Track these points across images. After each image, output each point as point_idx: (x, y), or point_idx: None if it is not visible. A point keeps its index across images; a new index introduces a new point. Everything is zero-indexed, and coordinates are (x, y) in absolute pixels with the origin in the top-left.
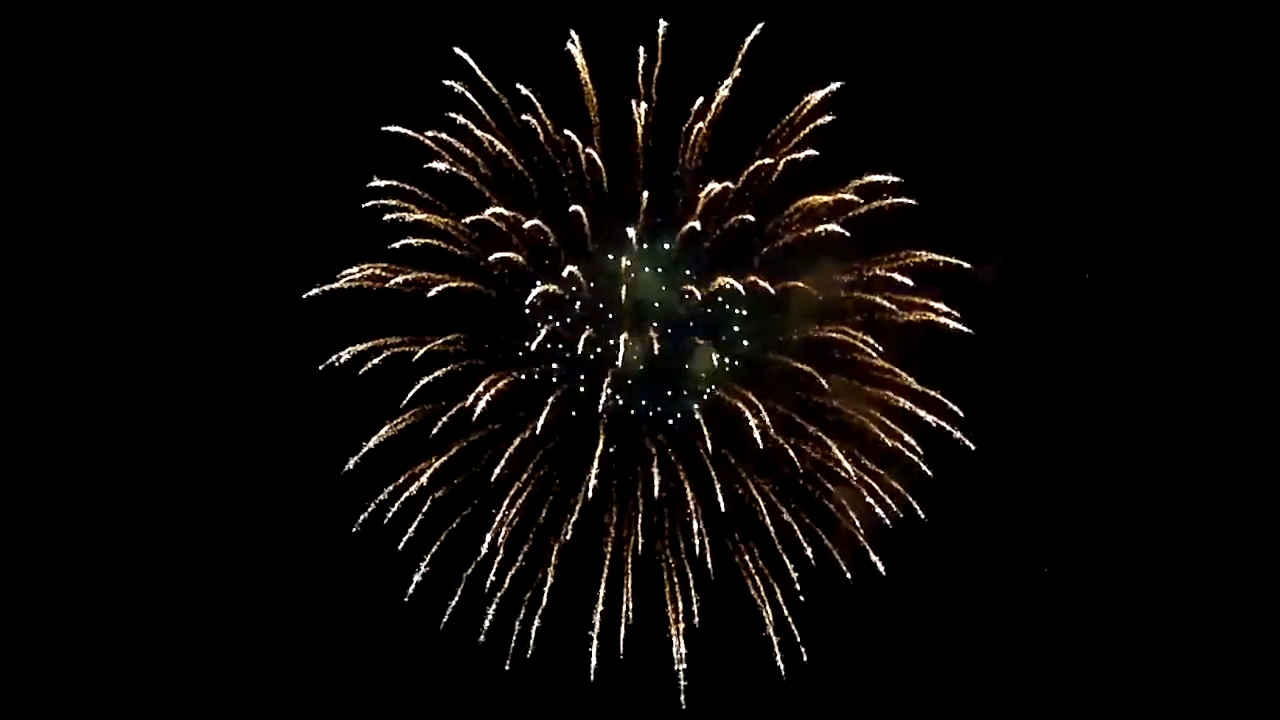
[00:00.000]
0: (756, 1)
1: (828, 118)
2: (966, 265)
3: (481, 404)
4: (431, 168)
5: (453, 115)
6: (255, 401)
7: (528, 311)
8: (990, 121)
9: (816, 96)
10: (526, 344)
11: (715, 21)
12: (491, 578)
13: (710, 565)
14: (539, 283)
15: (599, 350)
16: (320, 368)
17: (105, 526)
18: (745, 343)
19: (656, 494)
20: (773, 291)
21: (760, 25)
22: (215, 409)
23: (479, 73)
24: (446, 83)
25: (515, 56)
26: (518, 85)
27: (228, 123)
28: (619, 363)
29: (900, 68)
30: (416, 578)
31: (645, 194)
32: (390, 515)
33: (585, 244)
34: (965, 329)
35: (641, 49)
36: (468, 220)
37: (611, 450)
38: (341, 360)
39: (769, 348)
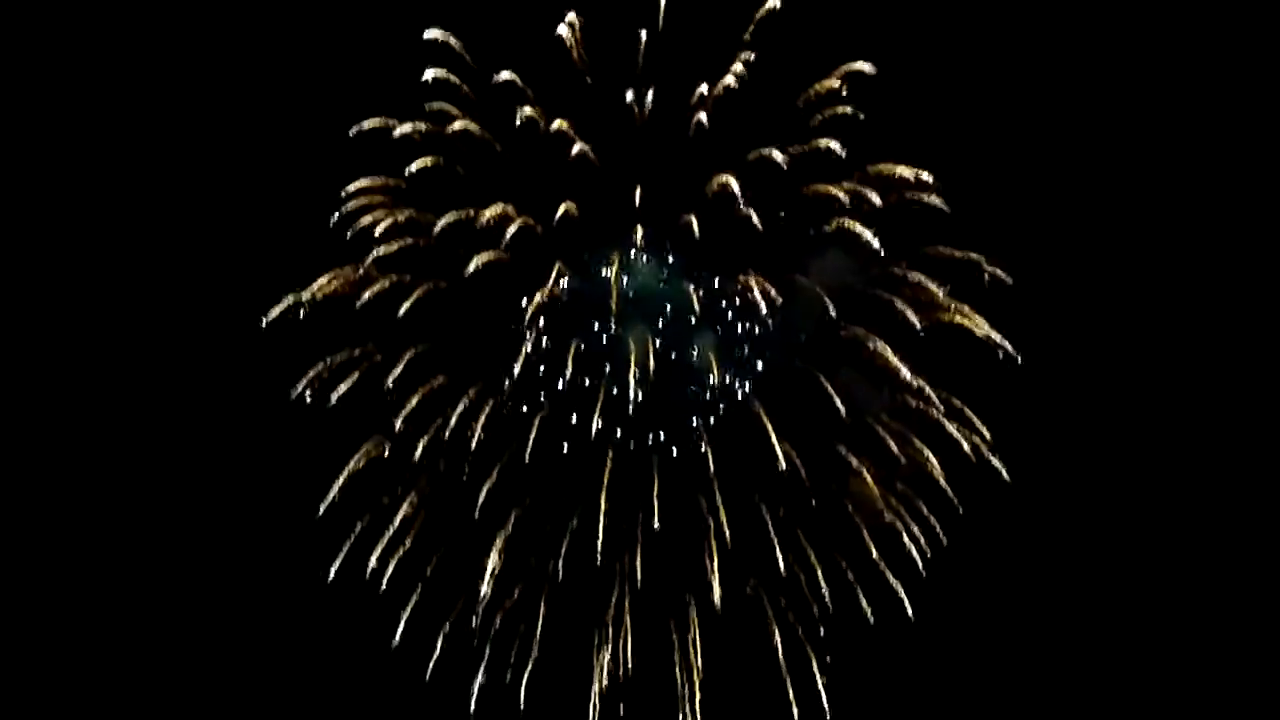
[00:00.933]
0: None
1: (842, 109)
2: (988, 267)
3: (476, 437)
4: (408, 162)
5: (433, 105)
6: (218, 429)
7: (514, 327)
8: (1017, 114)
9: (829, 83)
10: (512, 364)
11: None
12: (477, 623)
13: (720, 609)
14: (525, 299)
15: (592, 366)
16: (293, 396)
17: (63, 585)
18: (753, 350)
19: (658, 528)
20: (776, 297)
21: (769, 4)
22: (172, 438)
23: (464, 55)
24: (428, 73)
25: (502, 40)
26: (505, 73)
27: (181, 125)
28: (614, 387)
29: (923, 50)
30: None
31: (639, 189)
32: (366, 551)
33: (577, 244)
34: (992, 334)
35: (643, 31)
36: (448, 219)
37: (608, 479)
38: (312, 384)
39: (779, 354)
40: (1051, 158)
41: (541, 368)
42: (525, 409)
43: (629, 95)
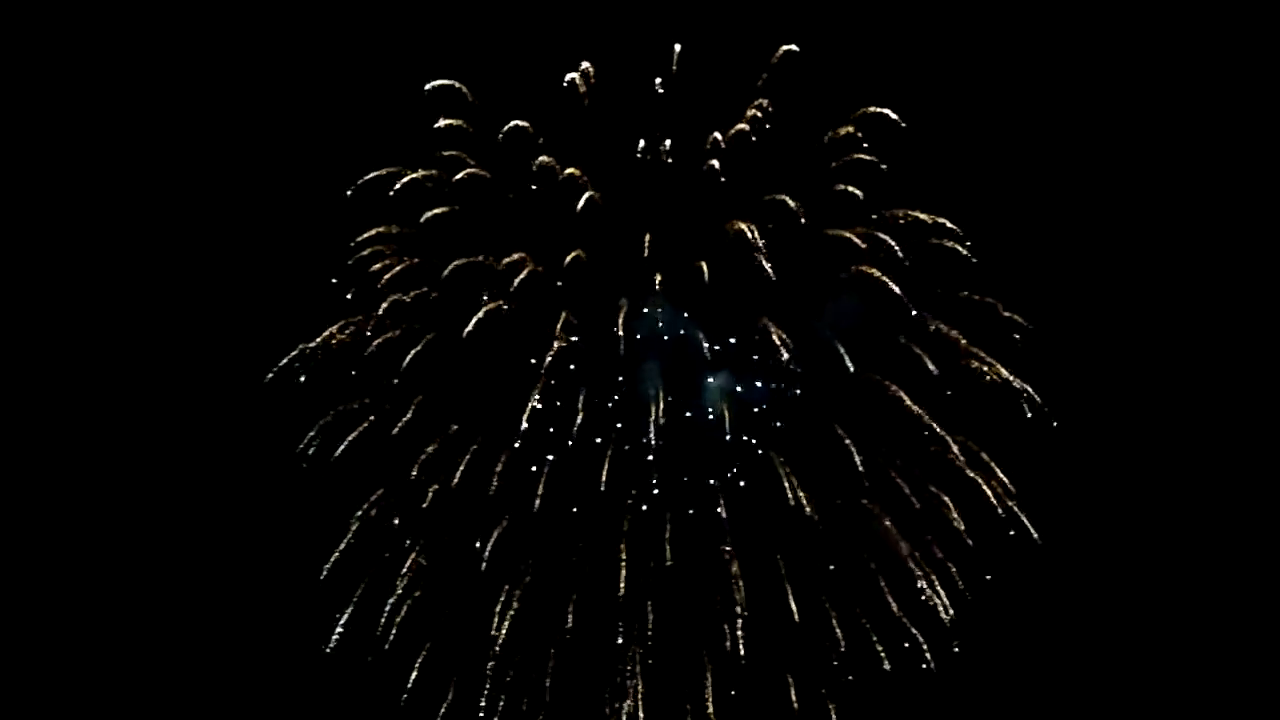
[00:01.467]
0: (783, 23)
1: (859, 154)
2: (1006, 313)
3: (492, 486)
4: (420, 210)
5: (444, 153)
6: (225, 482)
7: (523, 376)
8: (1037, 157)
9: (846, 129)
10: (520, 415)
11: (738, 45)
12: (489, 676)
13: (736, 659)
14: (534, 347)
15: (602, 417)
16: (300, 445)
17: (65, 647)
18: (769, 399)
19: (671, 578)
20: (790, 342)
21: (784, 48)
22: (179, 490)
23: (476, 103)
24: (440, 121)
25: (514, 88)
26: (516, 120)
27: (191, 176)
28: (626, 438)
29: (941, 95)
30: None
31: (650, 237)
32: (375, 604)
33: (588, 292)
34: (1013, 380)
35: (657, 78)
36: (457, 267)
37: (627, 528)
38: (320, 433)
39: (796, 403)
40: (1072, 201)
41: (551, 421)
42: (533, 463)
43: (641, 142)
